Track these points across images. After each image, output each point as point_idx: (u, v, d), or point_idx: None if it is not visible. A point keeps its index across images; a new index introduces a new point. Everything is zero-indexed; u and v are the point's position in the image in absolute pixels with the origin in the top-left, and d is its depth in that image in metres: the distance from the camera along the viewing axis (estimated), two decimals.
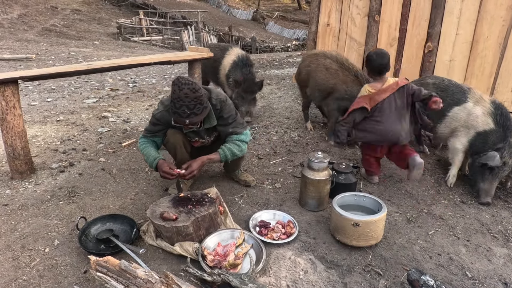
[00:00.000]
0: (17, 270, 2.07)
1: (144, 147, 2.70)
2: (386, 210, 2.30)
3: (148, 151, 2.66)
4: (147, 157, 2.65)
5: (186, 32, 19.69)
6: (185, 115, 2.34)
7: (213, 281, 1.80)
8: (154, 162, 2.61)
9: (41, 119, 4.74)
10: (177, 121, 2.44)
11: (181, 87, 2.30)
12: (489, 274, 2.14)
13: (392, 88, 2.84)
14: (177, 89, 2.31)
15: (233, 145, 2.69)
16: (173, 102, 2.35)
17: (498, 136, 2.85)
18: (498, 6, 4.39)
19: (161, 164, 2.58)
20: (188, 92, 2.30)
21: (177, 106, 2.33)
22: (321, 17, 5.58)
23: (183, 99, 2.30)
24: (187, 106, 2.32)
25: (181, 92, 2.29)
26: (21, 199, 2.80)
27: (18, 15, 17.36)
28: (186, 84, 2.31)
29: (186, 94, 2.29)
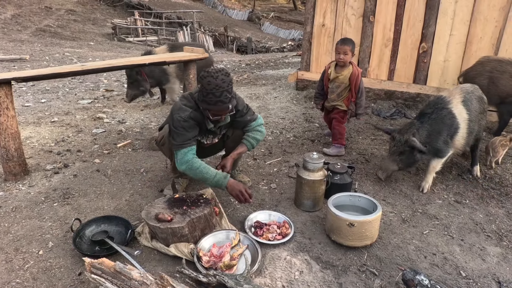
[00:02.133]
0: (11, 273, 2.06)
1: (198, 163, 2.42)
2: (381, 210, 2.31)
3: (206, 168, 2.43)
4: (209, 176, 2.41)
5: (182, 33, 19.64)
6: (228, 100, 2.33)
7: (209, 282, 1.79)
8: (226, 180, 2.43)
9: (35, 120, 4.71)
10: (219, 110, 2.37)
11: (214, 75, 2.29)
12: (483, 273, 2.15)
13: None
14: (212, 79, 2.28)
15: (255, 132, 2.72)
16: (211, 93, 2.30)
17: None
18: (491, 7, 4.43)
19: (237, 184, 2.44)
20: (223, 77, 2.31)
21: (218, 94, 2.29)
22: (316, 18, 5.60)
23: (221, 85, 2.29)
24: (227, 91, 2.32)
25: (217, 79, 2.28)
26: (14, 201, 2.78)
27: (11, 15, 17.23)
28: (218, 71, 2.32)
29: (223, 80, 2.30)
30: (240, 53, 20.54)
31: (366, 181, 3.21)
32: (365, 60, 5.38)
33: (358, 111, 3.73)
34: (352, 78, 3.62)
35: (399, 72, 5.15)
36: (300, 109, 5.34)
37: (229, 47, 22.23)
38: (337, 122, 3.79)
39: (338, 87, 3.73)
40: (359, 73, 3.65)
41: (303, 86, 5.97)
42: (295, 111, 5.22)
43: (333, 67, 3.75)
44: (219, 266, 2.02)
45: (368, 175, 3.31)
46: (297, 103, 5.59)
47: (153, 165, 3.42)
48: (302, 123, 4.73)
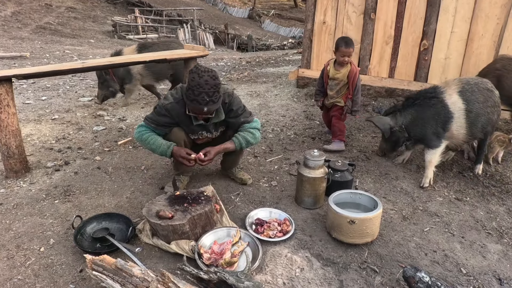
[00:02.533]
0: (12, 270, 2.06)
1: (149, 135, 2.58)
2: (381, 207, 2.31)
3: (155, 139, 2.56)
4: (157, 145, 2.55)
5: (182, 30, 19.62)
6: (204, 102, 2.33)
7: (210, 279, 1.80)
8: (169, 150, 2.53)
9: (36, 117, 4.71)
10: (195, 109, 2.40)
11: (200, 74, 2.30)
12: (483, 270, 2.15)
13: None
14: (196, 76, 2.29)
15: (247, 133, 2.70)
16: (191, 90, 2.32)
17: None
18: (493, 4, 4.41)
19: (178, 150, 2.52)
20: (208, 79, 2.30)
21: (196, 93, 2.31)
22: (317, 15, 5.58)
23: (203, 86, 2.29)
24: (206, 93, 2.31)
25: (201, 79, 2.29)
26: (15, 198, 2.79)
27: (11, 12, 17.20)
28: (206, 72, 2.32)
29: (207, 81, 2.30)
30: (240, 50, 20.51)
31: (367, 178, 3.21)
32: (366, 58, 5.37)
33: (354, 108, 3.77)
34: (350, 76, 3.69)
35: (400, 69, 5.14)
36: (301, 106, 5.33)
37: (229, 44, 22.20)
38: (336, 119, 3.82)
39: (337, 85, 3.77)
40: (357, 71, 3.72)
41: (303, 83, 5.96)
42: (296, 109, 5.22)
43: (332, 64, 3.80)
44: (220, 263, 2.03)
45: (368, 172, 3.31)
46: (297, 101, 5.58)
47: (154, 163, 3.42)
48: (303, 121, 4.73)
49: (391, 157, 3.52)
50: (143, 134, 2.61)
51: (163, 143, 2.56)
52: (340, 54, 3.64)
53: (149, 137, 2.59)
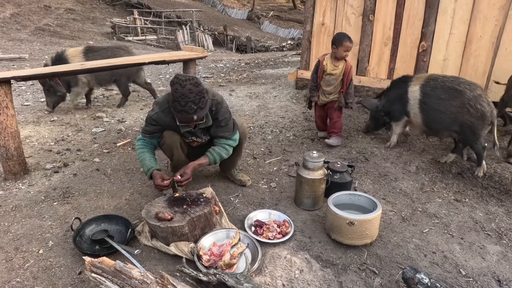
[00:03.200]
0: (11, 272, 2.06)
1: (141, 152, 2.66)
2: (381, 208, 2.31)
3: (143, 158, 2.63)
4: (142, 165, 2.65)
5: (181, 32, 19.62)
6: (192, 111, 2.31)
7: (209, 281, 1.79)
8: (148, 173, 2.60)
9: (35, 119, 4.70)
10: (184, 119, 2.40)
11: (183, 84, 2.27)
12: (482, 272, 2.15)
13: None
14: (179, 87, 2.27)
15: (222, 149, 2.69)
16: (177, 101, 2.30)
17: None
18: (491, 6, 4.43)
19: (155, 176, 2.54)
20: (191, 87, 2.28)
21: (183, 104, 2.29)
22: (316, 17, 5.60)
23: (187, 95, 2.27)
24: (193, 102, 2.29)
25: (184, 88, 2.26)
26: (14, 200, 2.78)
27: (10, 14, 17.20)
28: (188, 80, 2.29)
29: (190, 90, 2.27)
30: (239, 52, 20.53)
31: (366, 179, 3.21)
32: (365, 59, 5.38)
33: (349, 100, 3.85)
34: (346, 71, 3.77)
35: (398, 71, 5.14)
36: (300, 108, 5.34)
37: (228, 46, 22.22)
38: (337, 114, 3.90)
39: (336, 80, 3.81)
40: (351, 66, 3.83)
41: (302, 85, 5.97)
42: (295, 110, 5.22)
43: (329, 60, 3.79)
44: (219, 265, 2.02)
45: (368, 173, 3.31)
46: (296, 102, 5.58)
47: None
48: (302, 122, 4.73)
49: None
50: (137, 148, 2.70)
51: (146, 164, 2.61)
52: (343, 49, 3.65)
53: (140, 154, 2.66)
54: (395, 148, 3.89)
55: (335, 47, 3.69)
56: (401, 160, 3.61)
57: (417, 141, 4.09)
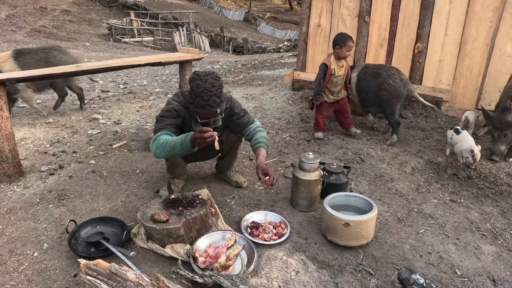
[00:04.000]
0: (5, 275, 2.04)
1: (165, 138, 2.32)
2: (376, 209, 2.32)
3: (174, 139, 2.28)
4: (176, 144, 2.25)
5: (178, 33, 19.63)
6: (216, 104, 2.32)
7: (204, 283, 1.79)
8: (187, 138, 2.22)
9: (30, 121, 4.68)
10: (207, 114, 2.35)
11: (204, 78, 2.28)
12: (478, 272, 2.16)
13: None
14: (201, 82, 2.27)
15: (261, 133, 2.69)
16: (200, 96, 2.28)
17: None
18: (485, 8, 4.46)
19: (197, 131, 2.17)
20: (213, 81, 2.29)
21: (206, 98, 2.28)
22: (312, 18, 5.61)
23: (210, 89, 2.27)
24: (215, 95, 2.30)
25: (206, 83, 2.27)
26: (9, 202, 2.76)
27: (6, 15, 17.13)
28: (208, 75, 2.31)
29: (212, 83, 2.28)
30: (236, 53, 20.55)
31: (362, 180, 3.22)
32: (361, 60, 5.40)
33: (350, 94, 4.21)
34: (348, 69, 4.03)
35: None
36: (296, 109, 5.35)
37: (225, 47, 22.24)
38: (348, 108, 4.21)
39: (342, 80, 4.01)
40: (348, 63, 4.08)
41: (299, 86, 5.98)
42: (291, 112, 5.23)
43: (334, 62, 3.89)
44: (215, 266, 2.02)
45: (364, 175, 3.32)
46: (293, 104, 5.59)
47: (148, 166, 3.41)
48: (298, 123, 4.74)
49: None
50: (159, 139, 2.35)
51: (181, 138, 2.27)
52: (347, 48, 3.77)
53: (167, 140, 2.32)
54: (392, 149, 3.90)
55: (339, 48, 3.78)
56: (397, 161, 3.62)
57: (413, 142, 4.11)
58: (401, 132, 4.12)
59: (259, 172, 2.51)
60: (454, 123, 4.56)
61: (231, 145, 2.88)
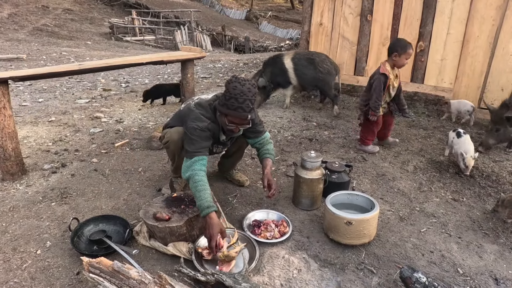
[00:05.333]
0: (8, 273, 2.05)
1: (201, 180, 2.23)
2: (378, 208, 2.32)
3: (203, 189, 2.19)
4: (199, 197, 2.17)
5: (179, 32, 19.62)
6: (248, 109, 2.30)
7: (207, 281, 1.79)
8: (206, 211, 2.12)
9: (33, 119, 4.69)
10: (238, 117, 2.31)
11: (242, 82, 2.28)
12: (480, 270, 2.16)
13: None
14: (238, 85, 2.27)
15: (271, 145, 2.69)
16: (234, 98, 2.27)
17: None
18: (488, 6, 4.44)
19: (215, 221, 2.10)
20: (250, 87, 2.29)
21: (240, 101, 2.26)
22: (314, 17, 5.60)
23: (246, 94, 2.27)
24: (250, 100, 2.29)
25: (244, 87, 2.27)
26: (12, 200, 2.77)
27: (8, 14, 17.16)
28: (247, 80, 2.31)
29: (249, 89, 2.28)
30: (237, 52, 20.53)
31: (364, 179, 3.22)
32: (363, 59, 5.39)
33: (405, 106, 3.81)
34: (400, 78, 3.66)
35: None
36: (298, 108, 5.35)
37: (226, 46, 22.21)
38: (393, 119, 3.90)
39: (397, 89, 3.65)
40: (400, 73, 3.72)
41: None
42: (293, 110, 5.23)
43: (390, 72, 3.48)
44: (219, 256, 2.02)
45: (365, 173, 3.32)
46: (294, 102, 5.59)
47: (151, 165, 3.42)
48: (300, 122, 4.74)
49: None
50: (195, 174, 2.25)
51: (207, 199, 2.16)
52: (406, 56, 3.39)
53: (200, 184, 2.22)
54: (394, 148, 3.90)
55: (397, 55, 3.38)
56: (399, 159, 3.62)
57: (415, 141, 4.11)
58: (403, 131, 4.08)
59: (265, 180, 2.50)
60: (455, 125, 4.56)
61: (239, 146, 2.88)
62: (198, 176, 2.24)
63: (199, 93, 5.88)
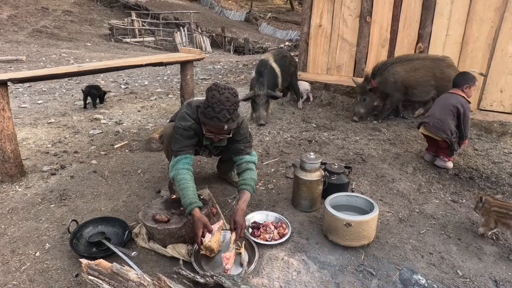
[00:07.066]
0: (7, 275, 2.05)
1: (184, 178, 2.28)
2: (378, 210, 2.32)
3: (186, 187, 2.25)
4: (183, 194, 2.23)
5: (179, 33, 19.64)
6: (225, 119, 2.23)
7: (206, 283, 1.79)
8: (190, 207, 2.18)
9: (32, 121, 4.69)
10: (214, 127, 2.27)
11: (221, 91, 2.22)
12: (479, 272, 2.16)
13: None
14: (216, 94, 2.21)
15: (250, 172, 2.48)
16: (211, 107, 2.22)
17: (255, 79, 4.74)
18: (487, 8, 4.45)
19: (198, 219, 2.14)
20: (229, 96, 2.22)
21: (217, 110, 2.21)
22: (313, 18, 5.61)
23: (224, 103, 2.20)
24: (227, 110, 2.22)
25: (222, 96, 2.20)
26: (11, 202, 2.77)
27: (7, 16, 17.17)
28: (227, 89, 2.24)
29: (228, 98, 2.21)
30: (237, 53, 20.54)
31: (363, 181, 3.22)
32: (362, 61, 5.40)
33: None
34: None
35: None
36: (297, 109, 5.35)
37: (226, 47, 22.23)
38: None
39: None
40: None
41: None
42: (292, 112, 5.23)
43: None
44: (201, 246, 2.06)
45: (365, 175, 3.32)
46: (294, 104, 5.59)
47: (150, 166, 3.41)
48: (299, 124, 4.74)
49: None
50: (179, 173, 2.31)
51: (190, 196, 2.21)
52: (474, 87, 3.46)
53: (183, 181, 2.28)
54: (393, 149, 3.90)
55: (468, 87, 3.40)
56: (398, 161, 3.62)
57: (414, 143, 4.11)
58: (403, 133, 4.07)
59: (231, 222, 2.24)
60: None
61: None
62: (181, 175, 2.29)
63: (199, 94, 5.89)
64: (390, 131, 4.46)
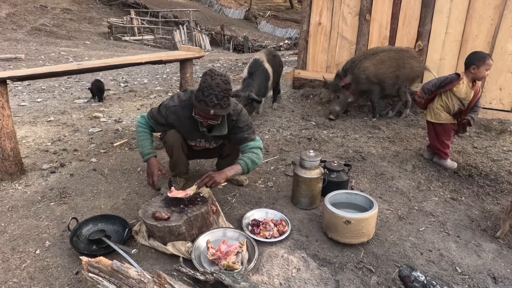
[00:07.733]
0: (7, 273, 2.05)
1: (143, 132, 2.65)
2: (377, 207, 2.32)
3: (144, 139, 2.64)
4: (141, 145, 2.64)
5: (178, 32, 19.61)
6: (212, 104, 2.28)
7: (206, 280, 1.80)
8: (146, 157, 2.61)
9: (31, 119, 4.69)
10: (201, 111, 2.34)
11: (213, 77, 2.29)
12: (478, 269, 2.17)
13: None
14: (209, 78, 2.29)
15: (252, 154, 2.56)
16: (201, 91, 2.30)
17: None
18: (486, 6, 4.45)
19: (152, 164, 2.61)
20: (220, 82, 2.28)
21: (206, 94, 2.27)
22: (313, 16, 5.61)
23: (213, 88, 2.27)
24: (215, 96, 2.28)
25: (213, 81, 2.27)
26: (11, 200, 2.77)
27: (6, 14, 17.12)
28: (219, 75, 2.31)
29: (218, 84, 2.28)
30: (236, 52, 20.51)
31: (363, 178, 3.22)
32: None
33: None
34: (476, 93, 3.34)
35: None
36: (297, 107, 5.35)
37: (225, 46, 22.20)
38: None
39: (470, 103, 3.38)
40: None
41: (299, 84, 5.98)
42: (292, 110, 5.23)
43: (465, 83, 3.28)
44: (222, 263, 2.02)
45: (364, 172, 3.32)
46: (293, 102, 5.59)
47: None
48: (299, 121, 4.74)
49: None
50: (139, 127, 2.68)
51: (147, 147, 2.63)
52: (486, 67, 3.14)
53: (142, 134, 2.66)
54: (393, 147, 3.91)
55: (476, 68, 3.16)
56: (398, 159, 3.62)
57: (414, 140, 4.11)
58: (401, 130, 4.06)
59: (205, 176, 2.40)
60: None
61: (234, 147, 2.88)
62: (143, 129, 2.65)
63: None
64: (390, 129, 4.46)
